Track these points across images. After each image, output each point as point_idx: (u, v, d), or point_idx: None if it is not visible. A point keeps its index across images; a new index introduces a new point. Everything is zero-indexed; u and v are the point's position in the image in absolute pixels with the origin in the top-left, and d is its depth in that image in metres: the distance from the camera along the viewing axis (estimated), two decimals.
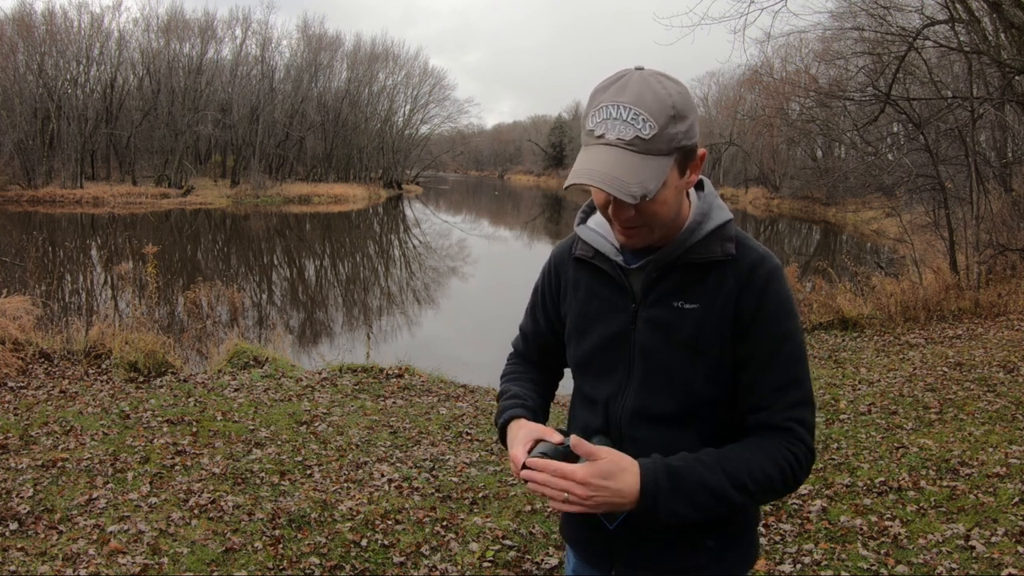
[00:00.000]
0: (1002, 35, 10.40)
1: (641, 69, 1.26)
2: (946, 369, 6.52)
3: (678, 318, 1.33)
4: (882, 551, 3.38)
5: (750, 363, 1.31)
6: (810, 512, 3.83)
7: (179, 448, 4.86)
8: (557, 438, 1.28)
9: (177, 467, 4.56)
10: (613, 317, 1.40)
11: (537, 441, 1.30)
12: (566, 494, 1.20)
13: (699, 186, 1.43)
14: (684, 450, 1.30)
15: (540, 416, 1.50)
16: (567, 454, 1.25)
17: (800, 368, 1.32)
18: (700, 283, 1.33)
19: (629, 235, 1.32)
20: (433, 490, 4.34)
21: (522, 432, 1.34)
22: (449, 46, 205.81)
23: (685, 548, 1.38)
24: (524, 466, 1.26)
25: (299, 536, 3.70)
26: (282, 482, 4.39)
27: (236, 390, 6.39)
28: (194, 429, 5.26)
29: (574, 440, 1.23)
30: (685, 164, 1.28)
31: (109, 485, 4.24)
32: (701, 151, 1.30)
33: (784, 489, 1.30)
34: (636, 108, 1.20)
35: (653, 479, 1.22)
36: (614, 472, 1.21)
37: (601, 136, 1.22)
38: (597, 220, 1.46)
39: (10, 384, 6.29)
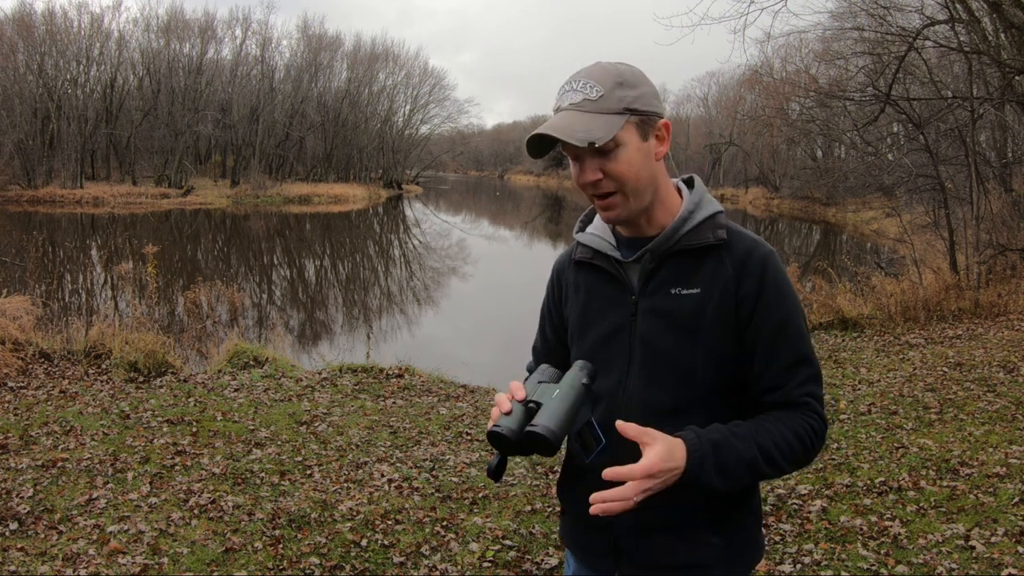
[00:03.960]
0: (1002, 35, 10.40)
1: (599, 63, 1.37)
2: (946, 369, 6.52)
3: (678, 304, 1.36)
4: (882, 551, 3.38)
5: (758, 347, 1.35)
6: (810, 512, 3.83)
7: (179, 448, 4.86)
8: (520, 394, 1.30)
9: (177, 467, 4.56)
10: (613, 312, 1.43)
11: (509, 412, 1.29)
12: (635, 499, 1.21)
13: (690, 184, 1.47)
14: None
15: None
16: (529, 413, 1.27)
17: (806, 346, 1.37)
18: (697, 269, 1.37)
19: (606, 205, 1.35)
20: (433, 490, 4.34)
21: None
22: (445, 46, 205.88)
23: (692, 545, 1.38)
24: (491, 433, 1.27)
25: (299, 536, 3.70)
26: (282, 482, 4.39)
27: (236, 390, 6.39)
28: (194, 429, 5.26)
29: (620, 425, 1.23)
30: (645, 129, 1.34)
31: (109, 485, 4.24)
32: (663, 121, 1.36)
33: (804, 459, 1.35)
34: (585, 79, 1.32)
35: (699, 455, 1.25)
36: (671, 451, 1.23)
37: (558, 109, 1.35)
38: (595, 226, 1.50)
39: (10, 384, 6.29)
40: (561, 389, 1.30)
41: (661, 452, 1.21)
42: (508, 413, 1.28)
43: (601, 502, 1.21)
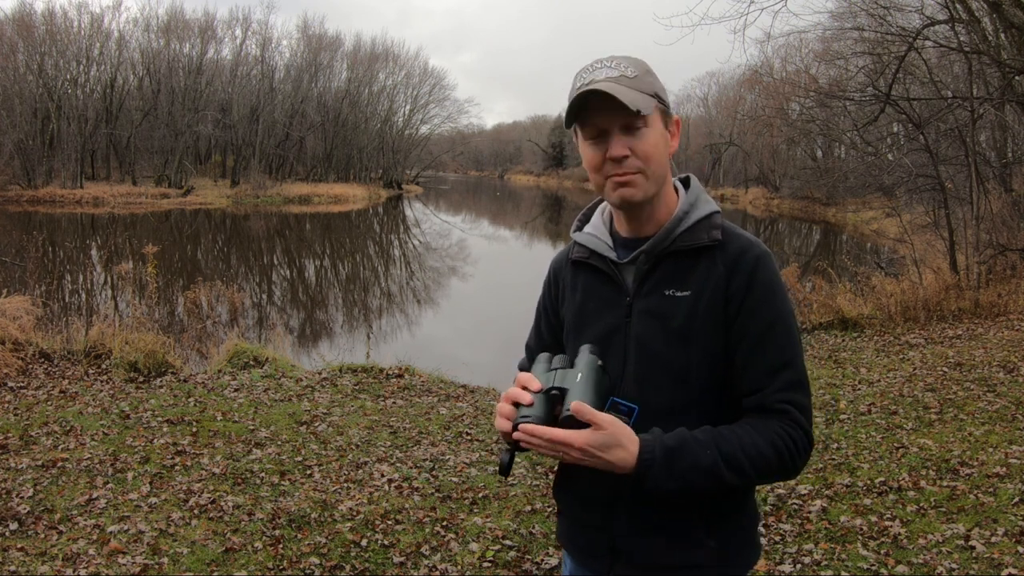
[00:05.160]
0: (1002, 35, 10.40)
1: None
2: (946, 369, 6.52)
3: (671, 306, 1.36)
4: (882, 551, 3.38)
5: (742, 345, 1.33)
6: (810, 512, 3.83)
7: (179, 448, 4.86)
8: (536, 385, 1.29)
9: (177, 467, 4.56)
10: (608, 312, 1.43)
11: (517, 404, 1.30)
12: (561, 453, 1.23)
13: (686, 184, 1.48)
14: None
15: None
16: (547, 403, 1.27)
17: (792, 350, 1.34)
18: (691, 271, 1.36)
19: (626, 182, 1.34)
20: (433, 490, 4.34)
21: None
22: (444, 46, 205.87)
23: (687, 546, 1.38)
24: (515, 427, 1.27)
25: (299, 536, 3.70)
26: (282, 482, 4.39)
27: (236, 390, 6.39)
28: (194, 429, 5.26)
29: (575, 407, 1.22)
30: (665, 120, 1.38)
31: (109, 485, 4.24)
32: (676, 117, 1.41)
33: (781, 471, 1.31)
34: (617, 60, 1.35)
35: (650, 457, 1.24)
36: (611, 445, 1.23)
37: (590, 83, 1.32)
38: (592, 225, 1.51)
39: (10, 384, 6.29)
40: (582, 372, 1.28)
41: (598, 439, 1.22)
42: (530, 405, 1.27)
43: (529, 434, 1.23)
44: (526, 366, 1.65)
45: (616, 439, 1.23)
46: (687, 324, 1.34)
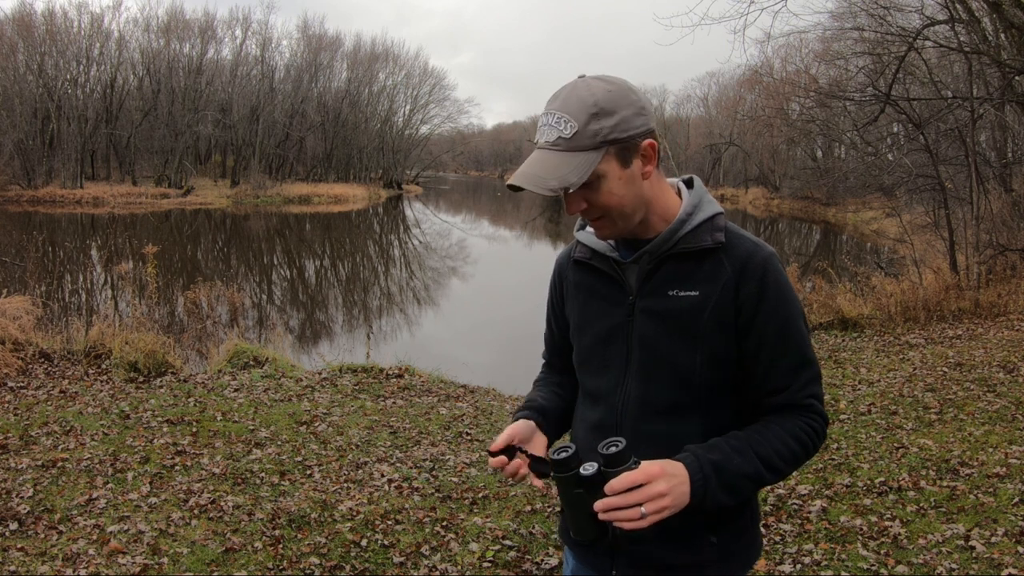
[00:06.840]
0: (1002, 35, 10.40)
1: (582, 77, 1.32)
2: (946, 369, 6.52)
3: (676, 305, 1.36)
4: (882, 551, 3.38)
5: (762, 349, 1.34)
6: (810, 512, 3.83)
7: (179, 448, 4.86)
8: (540, 450, 1.37)
9: (177, 467, 4.56)
10: (611, 312, 1.43)
11: (517, 449, 1.38)
12: (642, 509, 1.18)
13: (689, 184, 1.47)
14: (689, 441, 1.31)
15: (550, 415, 1.54)
16: (554, 464, 1.26)
17: (809, 348, 1.38)
18: (696, 271, 1.36)
19: (597, 226, 1.38)
20: (433, 490, 4.35)
21: (505, 432, 1.42)
22: (443, 47, 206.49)
23: (689, 545, 1.39)
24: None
25: (299, 536, 3.70)
26: (282, 482, 4.39)
27: (236, 390, 6.39)
28: (194, 429, 5.26)
29: (610, 487, 1.20)
30: (626, 156, 1.30)
31: (109, 485, 4.24)
32: (647, 141, 1.31)
33: (806, 458, 1.38)
34: (560, 112, 1.29)
35: (701, 478, 1.25)
36: (677, 474, 1.24)
37: (536, 142, 1.33)
38: None
39: (10, 384, 6.29)
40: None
41: (667, 469, 1.22)
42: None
43: (612, 512, 1.19)
44: (546, 355, 1.70)
45: (673, 467, 1.24)
46: (692, 323, 1.34)
